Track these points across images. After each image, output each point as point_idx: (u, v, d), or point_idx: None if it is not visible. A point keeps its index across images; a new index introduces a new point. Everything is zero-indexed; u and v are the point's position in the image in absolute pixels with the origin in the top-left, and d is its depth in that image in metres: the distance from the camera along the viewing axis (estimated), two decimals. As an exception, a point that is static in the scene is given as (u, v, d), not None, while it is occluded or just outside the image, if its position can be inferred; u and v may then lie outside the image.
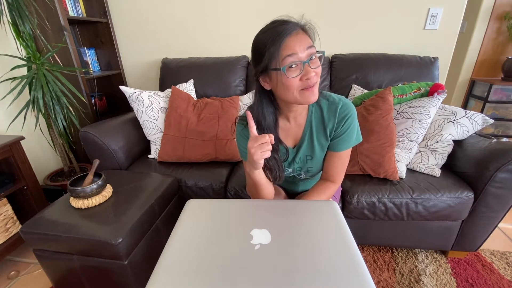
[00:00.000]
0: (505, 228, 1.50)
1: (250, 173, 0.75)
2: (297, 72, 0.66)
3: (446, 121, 1.27)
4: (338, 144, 0.80)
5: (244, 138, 0.82)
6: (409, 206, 1.12)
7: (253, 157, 0.66)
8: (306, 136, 0.83)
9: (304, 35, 0.66)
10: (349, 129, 0.78)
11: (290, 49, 0.64)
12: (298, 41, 0.64)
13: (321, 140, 0.82)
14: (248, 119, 0.69)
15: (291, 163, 0.88)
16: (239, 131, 0.84)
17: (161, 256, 0.53)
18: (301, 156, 0.86)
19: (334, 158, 0.83)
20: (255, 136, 0.67)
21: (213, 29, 1.83)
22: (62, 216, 0.99)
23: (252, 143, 0.66)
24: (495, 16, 2.23)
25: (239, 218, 0.63)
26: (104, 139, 1.32)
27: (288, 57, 0.64)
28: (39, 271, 1.30)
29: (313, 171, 0.89)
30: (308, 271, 0.48)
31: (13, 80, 1.39)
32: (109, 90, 2.04)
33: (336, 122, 0.78)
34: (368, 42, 1.73)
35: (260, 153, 0.66)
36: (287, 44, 0.63)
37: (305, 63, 0.65)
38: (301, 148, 0.84)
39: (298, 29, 0.66)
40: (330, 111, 0.79)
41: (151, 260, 1.04)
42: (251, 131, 0.69)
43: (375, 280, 1.19)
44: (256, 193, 0.82)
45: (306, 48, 0.64)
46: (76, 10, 1.72)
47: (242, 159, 0.89)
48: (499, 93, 2.22)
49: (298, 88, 0.68)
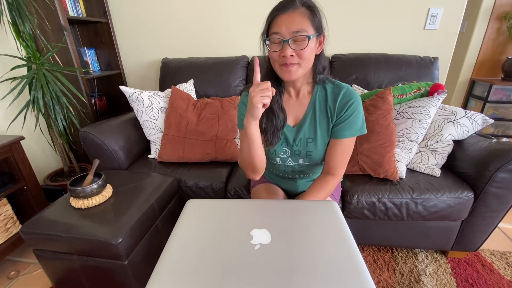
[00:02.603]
0: (505, 228, 1.50)
1: (247, 125, 0.74)
2: (278, 48, 0.72)
3: (446, 121, 1.27)
4: (342, 130, 0.80)
5: (245, 105, 0.84)
6: (409, 206, 1.12)
7: (253, 100, 0.69)
8: (309, 116, 0.83)
9: (299, 15, 0.69)
10: (353, 115, 0.79)
11: (276, 27, 0.71)
12: (289, 20, 0.69)
13: (324, 122, 0.83)
14: (255, 65, 0.72)
15: (291, 144, 0.87)
16: (243, 99, 0.87)
17: (161, 256, 0.53)
18: (302, 138, 0.85)
19: (337, 146, 0.82)
20: (258, 82, 0.70)
21: (213, 29, 1.83)
22: (62, 216, 0.99)
23: (254, 87, 0.69)
24: (495, 16, 2.23)
25: (239, 218, 0.63)
26: (104, 139, 1.32)
27: (273, 33, 0.71)
28: (39, 271, 1.30)
29: (312, 157, 0.88)
30: (308, 271, 0.48)
31: (13, 80, 1.39)
32: (109, 90, 2.04)
33: (338, 105, 0.80)
34: (368, 42, 1.73)
35: (260, 97, 0.68)
36: (276, 21, 0.71)
37: (285, 42, 0.70)
38: (302, 128, 0.84)
39: (296, 8, 0.69)
40: (333, 93, 0.81)
41: (151, 260, 1.04)
42: (255, 77, 0.72)
43: (375, 280, 1.19)
44: (248, 158, 0.80)
45: (293, 30, 0.69)
46: (76, 10, 1.72)
47: (238, 128, 0.90)
48: (499, 93, 2.22)
49: (278, 62, 0.74)
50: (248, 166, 0.83)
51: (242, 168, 0.88)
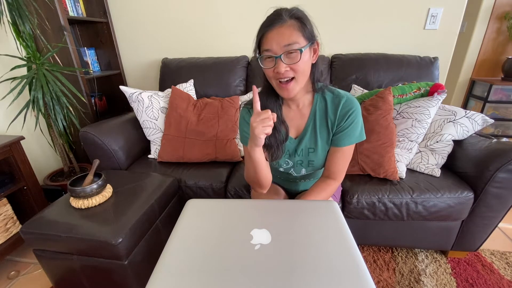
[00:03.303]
0: (505, 228, 1.50)
1: (251, 151, 0.75)
2: (271, 65, 0.71)
3: (446, 121, 1.27)
4: (341, 139, 0.80)
5: (247, 123, 0.83)
6: (409, 206, 1.12)
7: (254, 131, 0.68)
8: (310, 127, 0.83)
9: (289, 28, 0.67)
10: (352, 124, 0.79)
11: (267, 44, 0.69)
12: (278, 36, 0.67)
13: (324, 132, 0.83)
14: (253, 94, 0.71)
15: (292, 155, 0.87)
16: (242, 115, 0.86)
17: (161, 256, 0.53)
18: (303, 148, 0.85)
19: (337, 154, 0.83)
20: (258, 111, 0.69)
21: (213, 29, 1.83)
22: (62, 216, 0.99)
23: (255, 117, 0.68)
24: (495, 16, 2.23)
25: (239, 218, 0.63)
26: (104, 139, 1.32)
27: (264, 51, 0.70)
28: (39, 271, 1.30)
29: (314, 166, 0.88)
30: (308, 271, 0.48)
31: (13, 80, 1.39)
32: (109, 90, 2.04)
33: (338, 115, 0.79)
34: (368, 42, 1.73)
35: (261, 128, 0.67)
36: (266, 38, 0.69)
37: (277, 58, 0.69)
38: (303, 139, 0.84)
39: (284, 22, 0.67)
40: (333, 104, 0.80)
41: (151, 260, 1.04)
42: (255, 107, 0.70)
43: (375, 280, 1.19)
44: (254, 176, 0.82)
45: (284, 45, 0.67)
46: (76, 10, 1.72)
47: (242, 144, 0.90)
48: (499, 93, 2.22)
49: (274, 78, 0.73)
50: (255, 182, 0.85)
51: (249, 183, 0.91)
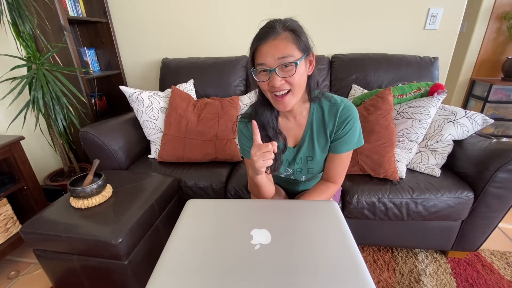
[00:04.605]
0: (505, 228, 1.50)
1: (252, 176, 0.76)
2: (266, 78, 0.69)
3: (446, 121, 1.27)
4: (339, 146, 0.80)
5: (245, 136, 0.84)
6: (409, 206, 1.12)
7: (255, 164, 0.68)
8: (307, 136, 0.83)
9: (283, 41, 0.65)
10: (350, 131, 0.78)
11: (261, 58, 0.67)
12: (272, 49, 0.65)
13: (321, 141, 0.82)
14: (253, 128, 0.70)
15: (291, 163, 0.88)
16: (240, 129, 0.85)
17: (161, 256, 0.53)
18: (302, 157, 0.86)
19: (336, 159, 0.83)
20: (259, 144, 0.68)
21: (213, 29, 1.83)
22: (62, 216, 0.99)
23: (255, 150, 0.68)
24: (495, 16, 2.23)
25: (239, 218, 0.63)
26: (104, 139, 1.32)
27: (258, 64, 0.68)
28: (39, 271, 1.30)
29: (313, 172, 0.89)
30: (308, 271, 0.48)
31: (13, 80, 1.39)
32: (109, 90, 2.04)
33: (337, 124, 0.79)
34: (368, 42, 1.73)
35: (262, 161, 0.67)
36: (260, 51, 0.67)
37: (271, 71, 0.67)
38: (301, 148, 0.84)
39: (278, 34, 0.65)
40: (331, 112, 0.79)
41: (151, 260, 1.04)
42: (255, 139, 0.70)
43: (375, 280, 1.19)
44: (257, 192, 0.84)
45: (278, 57, 0.65)
46: (76, 10, 1.72)
47: (243, 156, 0.90)
48: (499, 93, 2.22)
49: (269, 91, 0.71)
50: (258, 197, 0.86)
51: (252, 194, 0.93)
